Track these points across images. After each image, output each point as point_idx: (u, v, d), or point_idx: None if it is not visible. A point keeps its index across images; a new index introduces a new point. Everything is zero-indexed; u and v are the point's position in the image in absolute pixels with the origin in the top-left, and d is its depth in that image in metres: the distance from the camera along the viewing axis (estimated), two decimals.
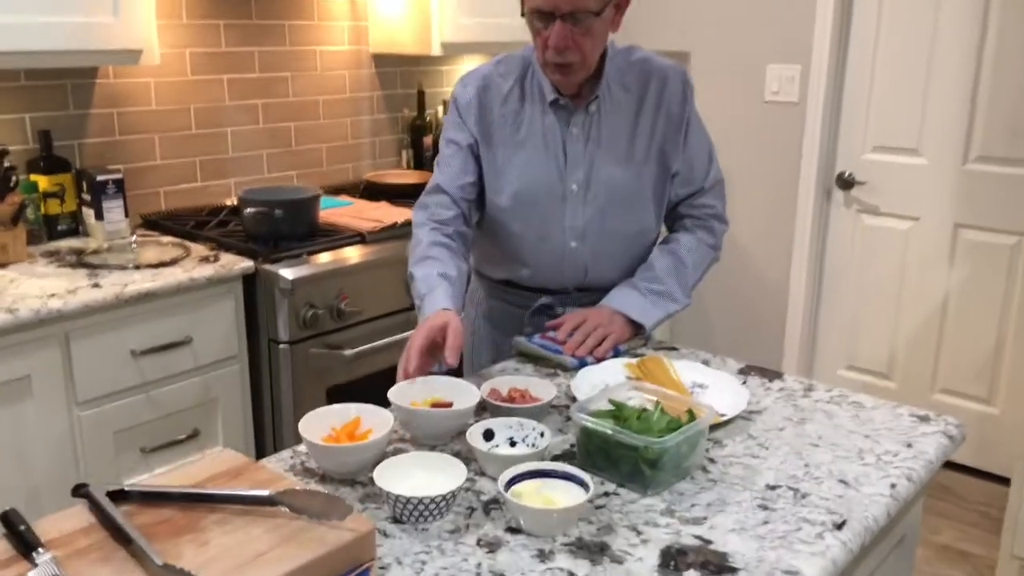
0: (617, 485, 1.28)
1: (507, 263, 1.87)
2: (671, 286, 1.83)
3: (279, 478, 1.18)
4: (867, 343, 3.53)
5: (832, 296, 3.58)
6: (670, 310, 1.82)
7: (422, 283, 1.65)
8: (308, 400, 2.39)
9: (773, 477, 1.31)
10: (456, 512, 1.20)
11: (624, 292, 1.82)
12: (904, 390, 3.44)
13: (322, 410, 1.35)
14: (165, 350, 2.18)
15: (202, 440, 2.31)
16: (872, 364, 3.54)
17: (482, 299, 1.98)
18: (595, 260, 1.82)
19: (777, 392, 1.60)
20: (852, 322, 3.54)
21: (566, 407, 1.52)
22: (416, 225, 1.78)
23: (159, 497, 1.12)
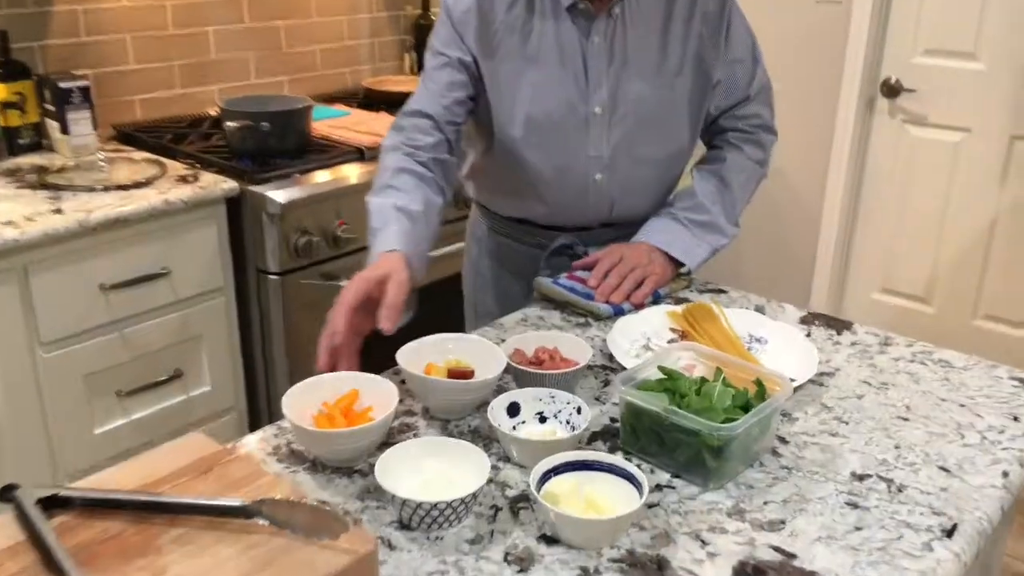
0: (671, 476, 1.05)
1: (519, 199, 1.60)
2: (716, 215, 1.57)
3: (258, 473, 0.95)
4: (905, 265, 3.28)
5: (870, 213, 3.31)
6: (717, 245, 1.57)
7: (375, 216, 1.36)
8: (302, 336, 2.16)
9: (859, 463, 1.08)
10: (477, 513, 0.98)
11: (664, 225, 1.56)
12: (943, 315, 3.21)
13: (312, 381, 1.11)
14: (139, 283, 1.94)
15: (186, 381, 2.09)
16: (910, 287, 3.30)
17: (486, 234, 1.72)
18: (623, 193, 1.56)
19: (849, 347, 1.36)
20: (890, 242, 3.29)
21: (601, 368, 1.29)
22: (385, 150, 1.48)
23: (107, 505, 0.89)
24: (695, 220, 1.56)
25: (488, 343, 1.20)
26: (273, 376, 2.19)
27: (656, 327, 1.38)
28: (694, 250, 1.54)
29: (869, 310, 3.39)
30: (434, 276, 2.30)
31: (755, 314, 1.41)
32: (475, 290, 1.73)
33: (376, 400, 1.09)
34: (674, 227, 1.55)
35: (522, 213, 1.62)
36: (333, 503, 0.99)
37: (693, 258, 1.53)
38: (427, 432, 1.13)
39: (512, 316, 1.45)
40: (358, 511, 0.98)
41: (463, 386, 1.12)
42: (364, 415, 1.08)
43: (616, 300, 1.45)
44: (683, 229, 1.55)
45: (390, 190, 1.39)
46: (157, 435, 2.06)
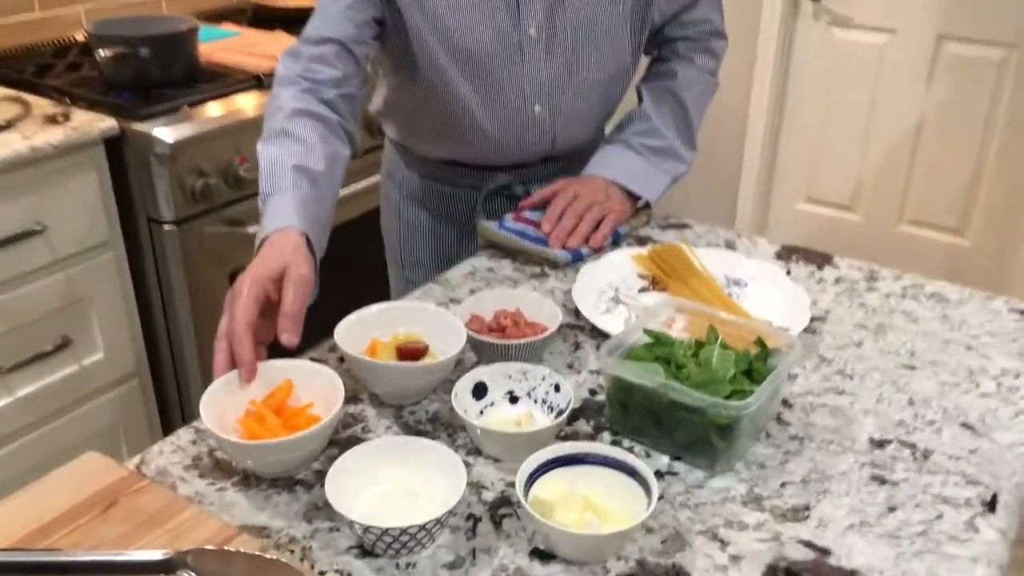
0: (671, 458, 0.91)
1: (446, 139, 1.39)
2: (672, 139, 1.41)
3: (176, 505, 0.76)
4: (830, 173, 3.20)
5: (795, 122, 3.21)
6: (676, 172, 1.41)
7: (268, 175, 1.11)
8: (208, 291, 1.93)
9: (875, 426, 0.95)
10: (452, 527, 0.81)
11: (618, 154, 1.39)
12: (869, 223, 3.17)
13: (233, 376, 0.91)
14: (9, 244, 1.67)
15: (77, 350, 1.84)
16: (835, 196, 3.23)
17: (408, 177, 1.51)
18: (565, 124, 1.37)
19: (834, 285, 1.23)
20: (815, 150, 3.20)
21: (570, 329, 1.12)
22: (280, 82, 1.21)
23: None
24: (651, 146, 1.39)
25: (442, 312, 1.02)
26: (177, 337, 1.96)
27: (623, 274, 1.22)
28: (653, 181, 1.38)
29: (794, 221, 3.33)
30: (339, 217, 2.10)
31: (728, 252, 1.27)
32: (400, 240, 1.53)
33: (314, 391, 0.91)
34: (629, 156, 1.38)
35: (450, 154, 1.41)
36: (274, 528, 0.81)
37: (653, 190, 1.37)
38: (378, 422, 0.95)
39: (458, 270, 1.26)
40: (307, 537, 0.80)
41: (419, 369, 0.94)
42: (302, 413, 0.89)
43: (573, 244, 1.28)
44: (639, 158, 1.38)
45: (286, 139, 1.13)
46: (48, 412, 1.82)
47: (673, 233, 1.37)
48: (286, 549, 0.78)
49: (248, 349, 0.91)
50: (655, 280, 1.21)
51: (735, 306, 1.13)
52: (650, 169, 1.38)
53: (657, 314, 1.01)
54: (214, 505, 0.83)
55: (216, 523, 0.75)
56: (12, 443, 1.78)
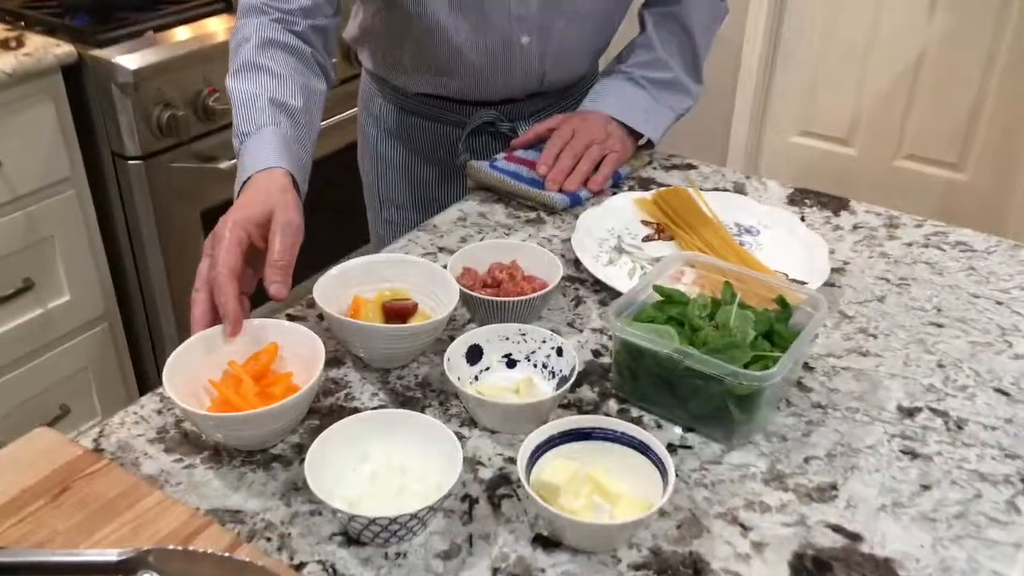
0: (683, 430, 0.83)
1: (426, 70, 1.27)
2: (678, 71, 1.30)
3: (136, 490, 0.68)
4: (826, 106, 3.10)
5: (791, 51, 3.09)
6: (681, 108, 1.31)
7: (243, 112, 1.00)
8: (178, 230, 1.82)
9: (903, 392, 0.88)
10: (447, 510, 0.74)
11: (618, 88, 1.28)
12: (865, 157, 3.08)
13: (212, 333, 0.82)
14: None
15: (40, 292, 1.74)
16: (830, 129, 3.13)
17: (386, 112, 1.38)
18: (555, 56, 1.25)
19: (852, 233, 1.14)
20: (811, 82, 3.09)
21: (569, 281, 1.03)
22: (244, 11, 1.08)
23: None
24: (654, 79, 1.29)
25: (431, 265, 0.92)
26: (147, 278, 1.86)
27: (626, 221, 1.13)
28: (657, 118, 1.27)
29: (788, 154, 3.23)
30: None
31: (738, 197, 1.18)
32: (378, 178, 1.43)
33: (297, 355, 0.82)
34: (630, 90, 1.28)
35: (432, 88, 1.30)
36: (248, 512, 0.73)
37: (657, 127, 1.27)
38: (362, 388, 0.86)
39: (446, 215, 1.17)
40: (285, 523, 0.72)
41: (408, 331, 0.85)
42: (281, 381, 0.80)
43: (570, 187, 1.18)
44: (641, 92, 1.28)
45: (258, 72, 1.02)
46: (13, 357, 1.72)
47: (678, 174, 1.27)
48: (262, 537, 0.70)
49: (233, 299, 0.82)
50: (660, 227, 1.12)
51: (749, 257, 1.04)
52: (653, 105, 1.28)
53: (666, 268, 0.92)
54: (182, 485, 0.75)
55: (183, 511, 0.67)
56: None
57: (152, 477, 0.75)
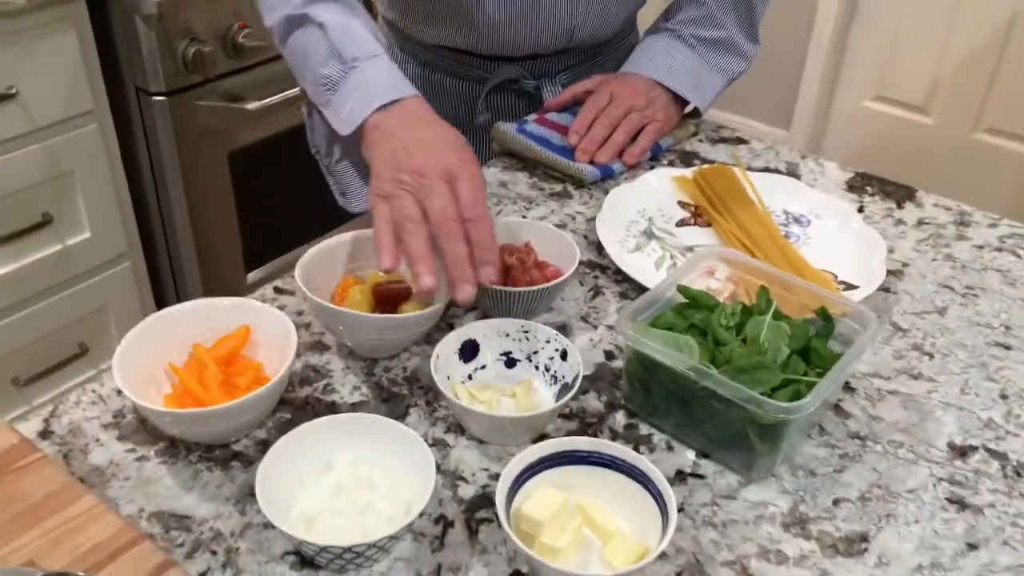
0: (697, 455, 0.73)
1: (446, 21, 1.14)
2: (732, 29, 1.17)
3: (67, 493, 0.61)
4: (905, 70, 2.89)
5: (870, 8, 2.89)
6: (734, 72, 1.18)
7: (344, 37, 0.90)
8: (203, 171, 1.75)
9: (957, 426, 0.76)
10: (417, 533, 0.65)
11: (664, 48, 1.15)
12: (941, 127, 2.87)
13: (175, 311, 0.74)
14: None
15: (59, 228, 1.69)
16: (907, 95, 2.93)
17: (402, 64, 1.24)
18: (587, 10, 1.12)
19: (916, 229, 1.01)
20: (890, 44, 2.88)
21: (589, 268, 0.93)
22: None
23: None
24: (705, 38, 1.16)
25: None
26: (170, 217, 1.80)
27: (660, 201, 1.02)
28: (706, 83, 1.15)
29: (859, 120, 3.04)
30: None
31: (789, 181, 1.05)
32: None
33: (269, 339, 0.74)
34: (678, 51, 1.15)
35: (451, 40, 1.17)
36: (197, 518, 0.65)
37: (705, 94, 1.15)
38: (344, 379, 0.78)
39: None
40: (235, 535, 0.64)
41: (396, 323, 0.76)
42: (249, 370, 0.72)
43: (602, 160, 1.07)
44: (690, 53, 1.15)
45: (335, 3, 0.92)
46: (29, 294, 1.68)
47: (725, 149, 1.15)
48: (207, 550, 0.63)
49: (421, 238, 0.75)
50: (698, 210, 1.00)
51: (793, 252, 0.92)
52: (703, 68, 1.15)
53: (697, 264, 0.81)
54: (129, 481, 0.68)
55: (113, 521, 0.60)
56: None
57: (99, 469, 0.68)
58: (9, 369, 1.70)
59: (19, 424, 0.71)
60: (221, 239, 1.86)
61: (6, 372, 1.70)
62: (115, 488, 0.67)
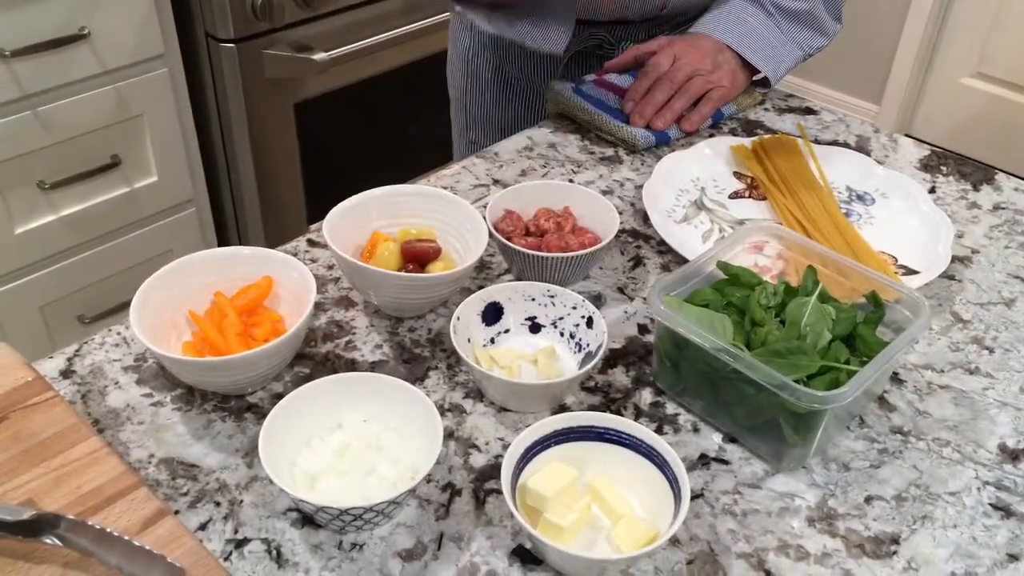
0: (724, 439, 0.69)
1: None
2: (816, 2, 1.10)
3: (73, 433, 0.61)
4: (1008, 45, 2.73)
5: None
6: (811, 47, 1.12)
7: None
8: (269, 120, 1.75)
9: (1011, 427, 0.71)
10: (421, 497, 0.64)
11: (740, 11, 1.10)
12: None
13: (197, 258, 0.73)
14: (51, 49, 1.51)
15: (127, 170, 1.71)
16: (1009, 73, 2.77)
17: (484, 17, 1.21)
18: None
19: (990, 214, 0.95)
20: (995, 17, 2.72)
21: (632, 236, 0.89)
22: None
23: None
24: (787, 9, 1.09)
25: (462, 204, 0.80)
26: (235, 164, 1.81)
27: (715, 171, 0.97)
28: (780, 53, 1.09)
29: (956, 97, 2.89)
30: (397, 59, 1.84)
31: (857, 156, 0.99)
32: (465, 95, 1.29)
33: (292, 292, 0.73)
34: (756, 17, 1.09)
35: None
36: (204, 468, 0.65)
37: (778, 65, 1.08)
38: (367, 337, 0.76)
39: (511, 141, 1.03)
40: (240, 487, 0.64)
41: (422, 281, 0.74)
42: (268, 321, 0.71)
43: (659, 125, 1.02)
44: (767, 20, 1.09)
45: None
46: (96, 234, 1.72)
47: (792, 120, 1.09)
48: (211, 500, 0.62)
49: None
50: (754, 182, 0.95)
51: (851, 232, 0.87)
52: (779, 37, 1.09)
53: (742, 239, 0.77)
54: (143, 425, 0.68)
55: (115, 464, 0.59)
56: (58, 263, 1.69)
57: (114, 411, 0.68)
58: (75, 307, 1.75)
59: (44, 362, 0.72)
60: (285, 189, 1.87)
61: (72, 310, 1.75)
62: (127, 432, 0.67)
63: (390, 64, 1.87)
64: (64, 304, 1.74)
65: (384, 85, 1.88)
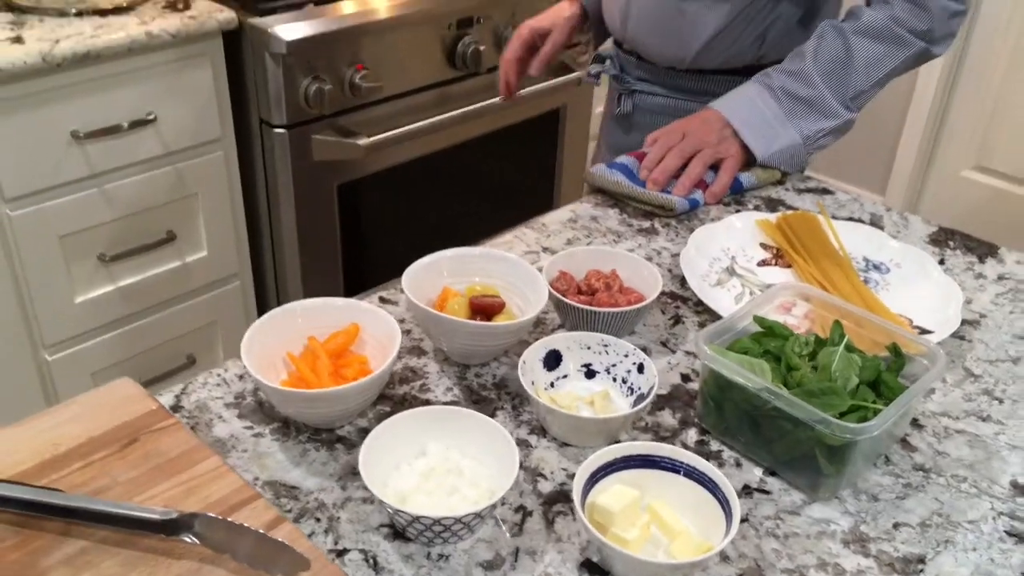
0: (765, 472, 0.78)
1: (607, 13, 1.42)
2: (822, 90, 1.21)
3: (197, 452, 0.69)
4: (1008, 139, 2.87)
5: (974, 75, 2.88)
6: (811, 131, 1.21)
7: None
8: (314, 200, 1.87)
9: (1021, 465, 0.79)
10: (498, 519, 0.71)
11: (750, 92, 1.21)
12: None
13: (296, 307, 0.83)
14: (120, 132, 1.64)
15: (180, 245, 1.83)
16: (1008, 166, 2.90)
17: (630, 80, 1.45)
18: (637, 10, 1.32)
19: (996, 283, 1.04)
20: (994, 111, 2.87)
21: (670, 298, 0.99)
22: None
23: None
24: (792, 93, 1.20)
25: (524, 264, 0.90)
26: (279, 242, 1.92)
27: (743, 241, 1.07)
28: (776, 135, 1.19)
29: (956, 189, 3.02)
30: (431, 145, 1.99)
31: (872, 230, 1.09)
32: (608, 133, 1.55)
33: (377, 338, 0.82)
34: (763, 99, 1.20)
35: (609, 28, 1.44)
36: (304, 489, 0.73)
37: (770, 145, 1.19)
38: (439, 381, 0.85)
39: (557, 214, 1.14)
40: (337, 506, 0.72)
41: (489, 330, 0.83)
42: (356, 363, 0.80)
43: (680, 192, 1.13)
44: (773, 103, 1.20)
45: None
46: (147, 305, 1.82)
47: (811, 199, 1.20)
48: (312, 516, 0.70)
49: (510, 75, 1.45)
50: (779, 253, 1.05)
51: (870, 296, 0.96)
52: (782, 121, 1.19)
53: (775, 297, 0.86)
54: (247, 453, 0.76)
55: (235, 480, 0.68)
56: (112, 331, 1.79)
57: (220, 440, 0.77)
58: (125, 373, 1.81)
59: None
60: (324, 266, 1.97)
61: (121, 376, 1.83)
62: (234, 458, 0.75)
63: (424, 150, 2.00)
64: (114, 371, 1.82)
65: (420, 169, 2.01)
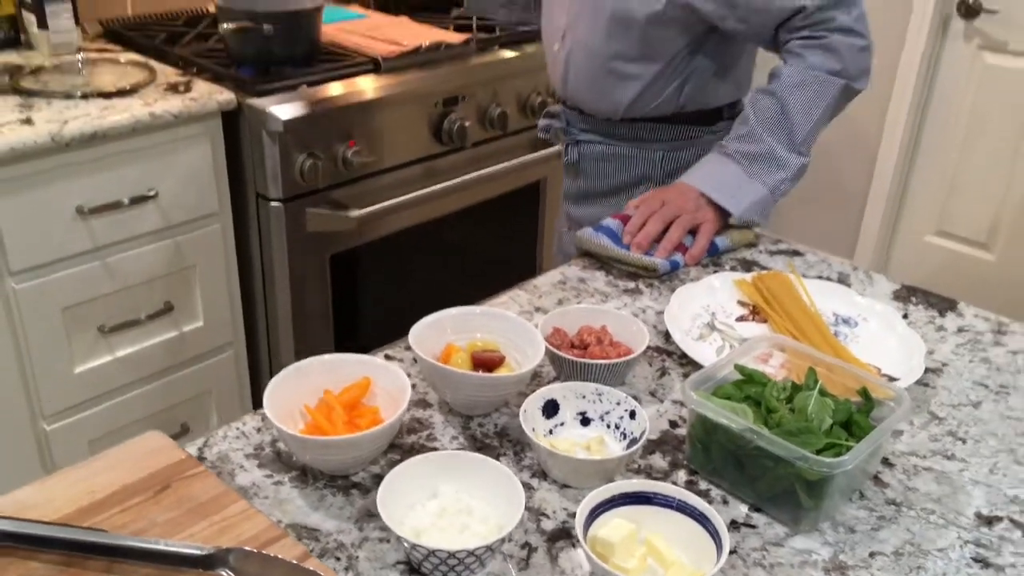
0: (750, 508, 0.84)
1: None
2: (771, 143, 1.29)
3: (227, 497, 0.74)
4: (966, 206, 3.00)
5: (933, 147, 3.03)
6: (774, 181, 1.29)
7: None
8: (307, 271, 1.94)
9: (985, 500, 0.86)
10: (506, 554, 0.77)
11: (712, 163, 1.33)
12: (1003, 264, 2.96)
13: (309, 363, 0.89)
14: (123, 207, 1.71)
15: (177, 316, 1.88)
16: (968, 231, 3.03)
17: None
18: (574, 72, 1.48)
19: (956, 335, 1.12)
20: (952, 180, 3.00)
21: (656, 352, 1.06)
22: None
23: (27, 541, 0.69)
24: (747, 152, 1.30)
25: (522, 322, 0.97)
26: (274, 313, 1.98)
27: (721, 300, 1.15)
28: (743, 192, 1.28)
29: (921, 254, 3.14)
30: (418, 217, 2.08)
31: (840, 288, 1.18)
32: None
33: (387, 391, 0.88)
34: (723, 165, 1.31)
35: None
36: (323, 531, 0.78)
37: (741, 201, 1.28)
38: (444, 431, 0.91)
39: (547, 277, 1.22)
40: (355, 545, 0.77)
41: (491, 382, 0.90)
42: (368, 413, 0.86)
43: (662, 254, 1.22)
44: (734, 167, 1.30)
45: None
46: (144, 374, 1.86)
47: (782, 260, 1.29)
48: (332, 556, 0.75)
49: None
50: (755, 309, 1.13)
51: (840, 347, 1.04)
52: (744, 179, 1.29)
53: (753, 348, 0.94)
54: (268, 499, 0.81)
55: (264, 521, 0.73)
56: (109, 400, 1.83)
57: (243, 488, 0.82)
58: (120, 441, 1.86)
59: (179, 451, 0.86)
60: (316, 336, 2.03)
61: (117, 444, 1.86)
62: (256, 503, 0.80)
63: (413, 221, 2.09)
64: (110, 439, 1.85)
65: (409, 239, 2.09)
